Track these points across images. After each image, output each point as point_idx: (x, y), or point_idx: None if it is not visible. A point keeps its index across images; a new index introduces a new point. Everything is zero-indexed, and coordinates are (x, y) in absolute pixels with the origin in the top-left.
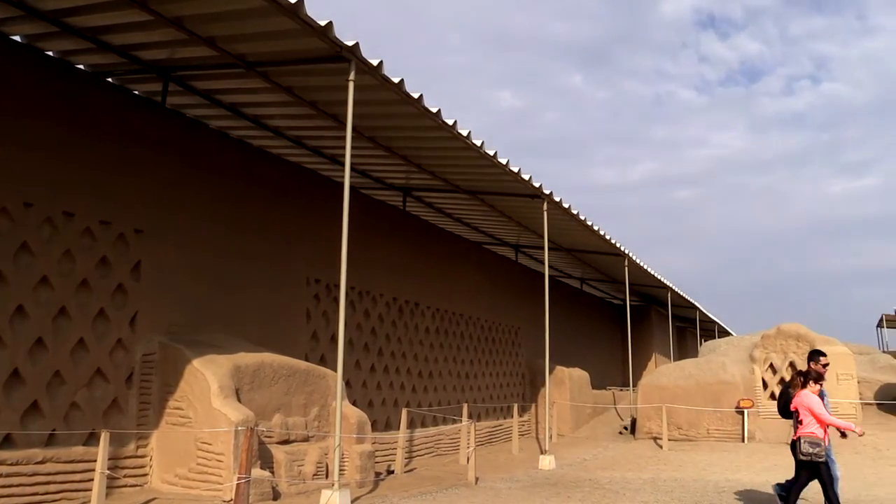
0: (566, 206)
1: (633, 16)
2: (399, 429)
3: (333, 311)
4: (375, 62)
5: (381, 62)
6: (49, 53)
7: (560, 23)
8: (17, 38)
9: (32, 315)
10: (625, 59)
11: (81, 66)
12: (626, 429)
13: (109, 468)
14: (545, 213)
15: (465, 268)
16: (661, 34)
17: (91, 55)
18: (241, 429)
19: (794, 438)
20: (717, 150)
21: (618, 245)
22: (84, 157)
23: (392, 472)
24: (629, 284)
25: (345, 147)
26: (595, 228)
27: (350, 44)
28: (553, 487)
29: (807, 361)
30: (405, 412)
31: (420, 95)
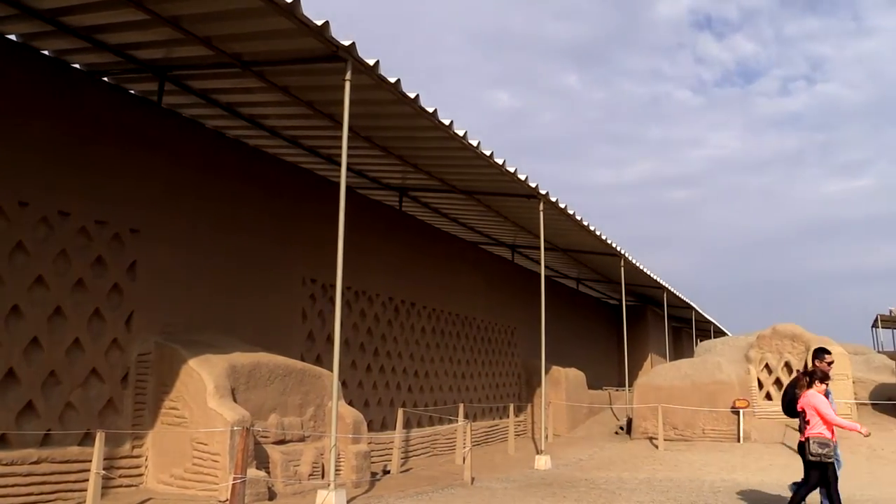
0: (562, 207)
1: (630, 16)
2: (395, 429)
3: (329, 311)
4: (372, 62)
5: (378, 62)
6: (45, 52)
7: (556, 23)
8: (13, 38)
9: (28, 315)
10: (621, 60)
11: (77, 66)
12: (622, 429)
13: (105, 468)
14: (541, 214)
15: (462, 268)
16: (658, 35)
17: (87, 54)
18: (237, 429)
19: (803, 440)
20: (713, 151)
21: (614, 245)
22: (80, 157)
23: (388, 472)
24: (625, 284)
25: (341, 147)
26: (591, 229)
27: (346, 43)
28: (549, 487)
29: (811, 360)
30: (401, 412)
31: (416, 95)
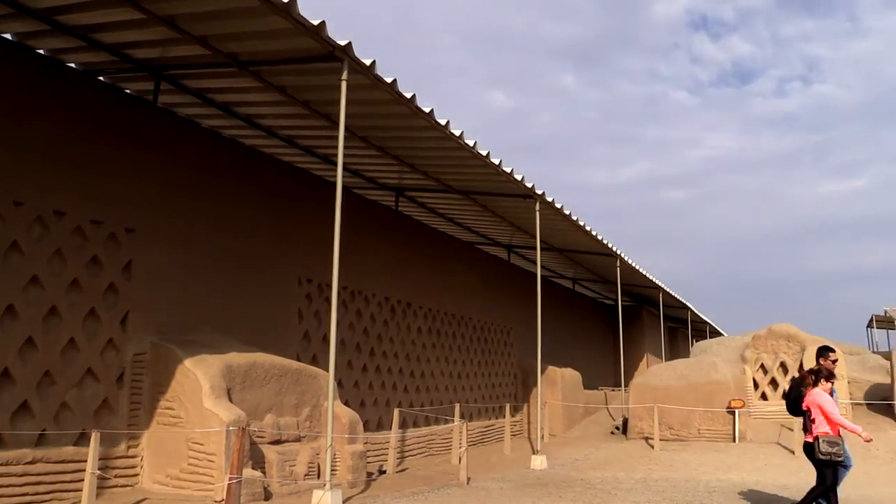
0: (558, 207)
1: (626, 16)
2: (391, 429)
3: (325, 311)
4: (368, 62)
5: (374, 62)
6: (40, 52)
7: (552, 23)
8: (8, 37)
9: (22, 315)
10: (617, 60)
11: (73, 65)
12: (618, 429)
13: (100, 468)
14: (537, 214)
15: (458, 268)
16: (654, 35)
17: (82, 53)
18: (233, 429)
19: (811, 440)
20: (709, 151)
21: (610, 245)
22: (75, 156)
23: (384, 473)
24: (621, 285)
25: (337, 147)
26: (587, 229)
27: (343, 43)
28: (545, 487)
29: (815, 358)
30: (397, 412)
31: (413, 95)
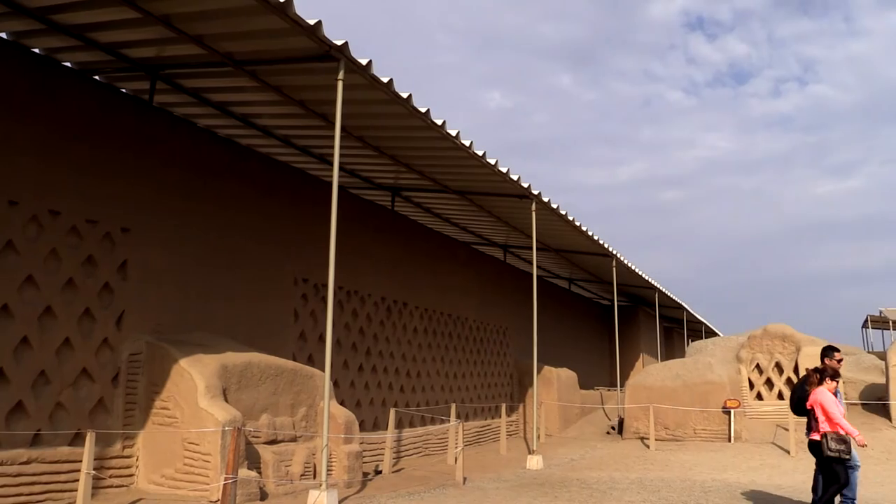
0: (554, 207)
1: (622, 17)
2: (387, 429)
3: (321, 311)
4: (364, 61)
5: (370, 61)
6: (35, 51)
7: (548, 23)
8: (3, 35)
9: (17, 314)
10: (613, 61)
11: (68, 64)
12: (614, 429)
13: (95, 468)
14: (534, 214)
15: (454, 268)
16: (650, 35)
17: (78, 53)
18: (228, 429)
19: (818, 438)
20: (705, 152)
21: (606, 245)
22: (70, 155)
23: (380, 473)
24: (617, 285)
25: (333, 146)
26: (583, 229)
27: (339, 43)
28: (541, 487)
29: (821, 358)
30: (393, 412)
31: (409, 95)
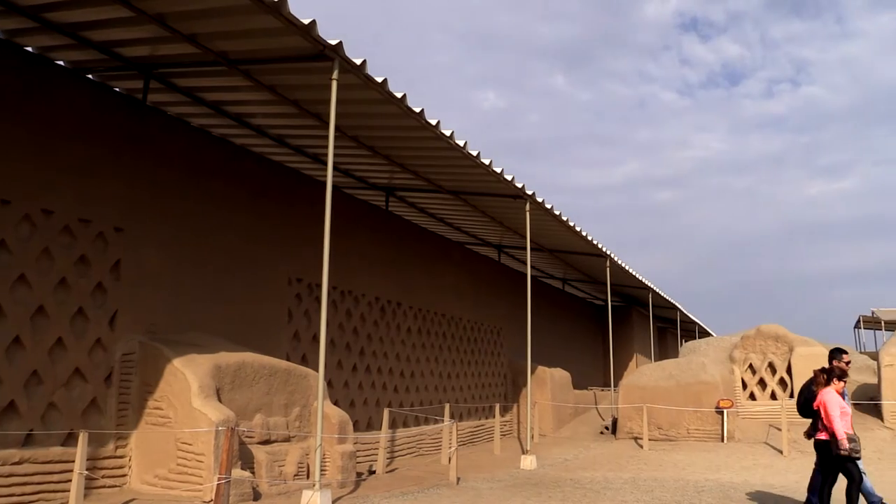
0: (548, 207)
1: (616, 17)
2: (381, 429)
3: (315, 311)
4: (359, 61)
5: (365, 61)
6: (28, 49)
7: (543, 24)
8: None
9: (10, 314)
10: (607, 61)
11: (61, 63)
12: (607, 429)
13: (88, 469)
14: (528, 214)
15: (448, 268)
16: (644, 36)
17: (71, 51)
18: (222, 429)
19: (825, 437)
20: (699, 152)
21: (599, 246)
22: (63, 155)
23: (373, 473)
24: (611, 285)
25: (327, 146)
26: (577, 229)
27: (333, 42)
28: (534, 487)
29: (828, 360)
30: (387, 412)
31: (403, 95)
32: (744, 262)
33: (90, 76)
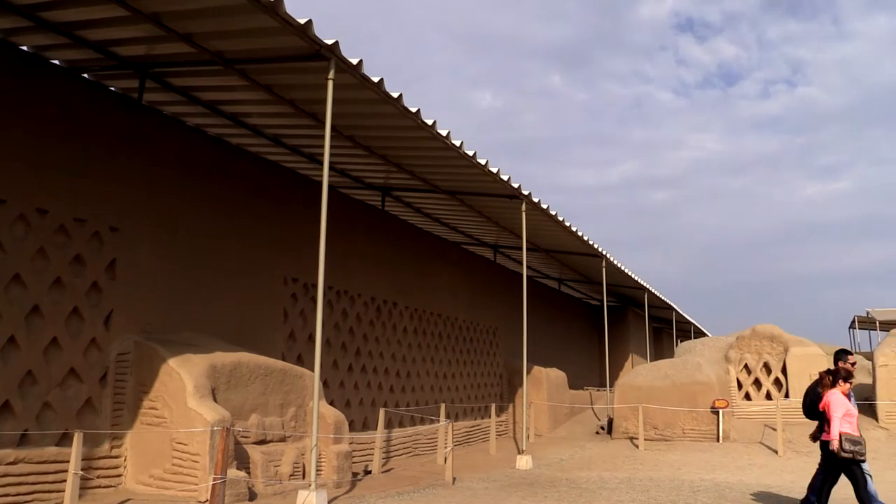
0: (544, 207)
1: (612, 18)
2: (376, 429)
3: (311, 311)
4: (355, 61)
5: (361, 61)
6: (24, 48)
7: (539, 24)
8: None
9: (4, 314)
10: (604, 61)
11: (57, 62)
12: (603, 429)
13: (83, 469)
14: (524, 214)
15: (444, 268)
16: (640, 36)
17: (66, 50)
18: (217, 429)
19: (830, 439)
20: (695, 153)
21: (595, 246)
22: (58, 154)
23: (369, 473)
24: (606, 285)
25: (324, 146)
26: (573, 229)
27: (329, 42)
28: (530, 487)
29: (834, 361)
30: (383, 412)
31: (399, 95)
32: (740, 263)
33: (86, 75)
